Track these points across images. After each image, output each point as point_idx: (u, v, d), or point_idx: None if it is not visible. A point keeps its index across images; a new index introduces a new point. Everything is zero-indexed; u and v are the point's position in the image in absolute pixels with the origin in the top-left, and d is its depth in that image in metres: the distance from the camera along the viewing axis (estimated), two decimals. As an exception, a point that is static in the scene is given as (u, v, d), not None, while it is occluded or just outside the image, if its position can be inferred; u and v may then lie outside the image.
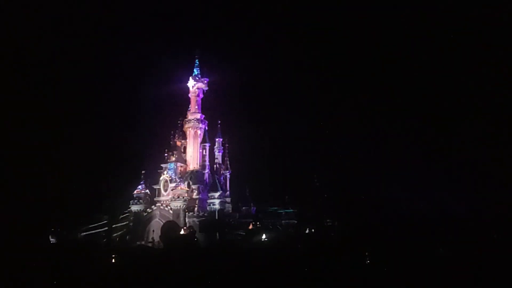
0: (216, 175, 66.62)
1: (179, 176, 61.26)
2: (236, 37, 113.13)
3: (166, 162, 63.29)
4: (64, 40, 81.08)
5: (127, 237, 56.83)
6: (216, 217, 56.56)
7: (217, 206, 60.77)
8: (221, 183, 66.43)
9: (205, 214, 57.24)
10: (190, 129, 66.68)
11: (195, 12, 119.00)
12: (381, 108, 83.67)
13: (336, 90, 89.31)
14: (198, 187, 61.60)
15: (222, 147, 70.67)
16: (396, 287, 28.53)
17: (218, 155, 70.26)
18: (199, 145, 67.07)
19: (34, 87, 71.58)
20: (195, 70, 69.94)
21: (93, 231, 56.83)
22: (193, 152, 65.98)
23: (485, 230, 37.31)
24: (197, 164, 65.39)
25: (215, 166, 68.91)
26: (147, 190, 60.39)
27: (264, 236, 42.39)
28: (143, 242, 53.41)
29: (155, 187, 62.08)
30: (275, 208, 65.02)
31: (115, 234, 56.50)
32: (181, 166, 63.43)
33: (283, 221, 61.35)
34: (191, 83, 68.93)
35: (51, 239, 47.79)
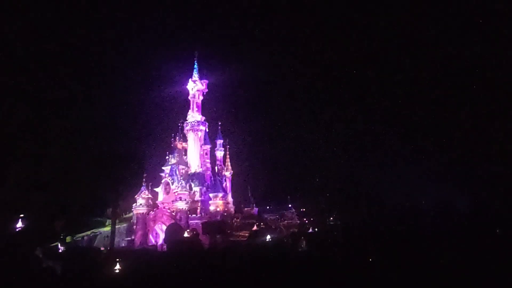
0: (217, 177, 66.64)
1: (181, 178, 61.21)
2: (234, 38, 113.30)
3: (168, 165, 63.28)
4: (63, 44, 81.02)
5: (130, 240, 56.85)
6: (219, 219, 56.54)
7: (219, 208, 60.80)
8: (223, 184, 66.47)
9: (208, 216, 57.22)
10: (191, 131, 66.69)
11: (194, 14, 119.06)
12: (384, 106, 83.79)
13: (337, 89, 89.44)
14: (200, 189, 61.58)
15: (223, 148, 70.71)
16: (400, 285, 28.46)
17: (219, 156, 70.30)
18: (200, 146, 67.12)
19: (36, 90, 71.49)
20: (194, 72, 69.99)
21: (96, 235, 56.92)
22: (194, 154, 66.00)
23: (489, 227, 37.33)
24: (198, 166, 65.38)
25: (216, 167, 68.90)
26: (149, 193, 60.29)
27: (268, 237, 42.39)
28: (146, 245, 53.41)
29: (157, 190, 62.09)
30: (278, 208, 65.15)
31: (118, 238, 56.43)
32: (183, 168, 63.35)
33: (286, 221, 61.45)
34: (190, 85, 68.95)
35: (60, 247, 47.56)
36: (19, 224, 44.59)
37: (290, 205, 65.37)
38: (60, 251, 46.30)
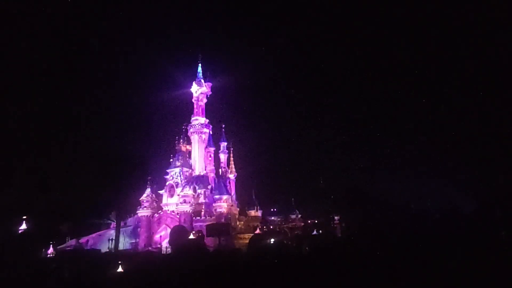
0: (221, 179, 66.65)
1: (185, 180, 61.29)
2: (238, 41, 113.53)
3: (172, 167, 63.41)
4: (68, 48, 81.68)
5: (135, 243, 56.97)
6: (223, 221, 56.54)
7: (223, 210, 60.79)
8: (227, 186, 66.45)
9: (212, 218, 57.23)
10: (195, 133, 66.79)
11: (198, 18, 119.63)
12: (387, 108, 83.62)
13: (341, 91, 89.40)
14: (204, 191, 61.59)
15: (227, 151, 70.76)
16: (404, 286, 28.28)
17: (223, 158, 70.36)
18: (204, 149, 67.19)
19: (41, 94, 72.13)
20: (198, 75, 70.16)
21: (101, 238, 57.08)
22: (198, 157, 66.09)
23: (494, 229, 37.05)
24: (202, 168, 65.46)
25: (220, 169, 68.97)
26: (154, 196, 60.42)
27: (272, 239, 42.28)
28: (150, 247, 53.47)
29: (161, 192, 62.23)
30: (282, 210, 65.01)
31: (123, 240, 56.55)
32: (187, 171, 63.46)
33: (290, 224, 61.33)
34: (194, 88, 69.09)
35: (50, 252, 47.29)
36: (23, 226, 44.74)
37: (294, 208, 65.26)
38: (49, 255, 45.97)
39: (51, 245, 47.60)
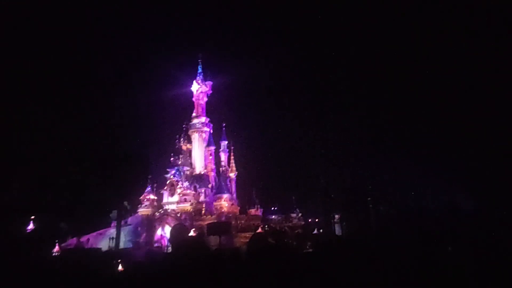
0: (222, 178, 66.71)
1: (186, 179, 61.39)
2: (239, 40, 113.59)
3: (172, 166, 63.46)
4: (67, 45, 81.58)
5: (136, 242, 56.98)
6: (224, 220, 56.57)
7: (224, 209, 60.83)
8: (228, 185, 66.52)
9: (213, 217, 57.30)
10: (195, 132, 66.89)
11: (198, 15, 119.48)
12: (388, 105, 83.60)
13: (341, 89, 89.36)
14: (205, 190, 61.72)
15: (228, 150, 70.80)
16: (403, 286, 28.26)
17: (223, 157, 70.41)
18: (204, 148, 67.28)
19: (41, 92, 72.10)
20: (198, 73, 70.16)
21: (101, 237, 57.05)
22: (198, 156, 66.20)
23: (494, 228, 37.02)
24: (202, 167, 65.55)
25: (221, 168, 69.03)
26: (154, 195, 60.52)
27: (272, 239, 42.34)
28: (151, 246, 53.51)
29: (161, 191, 62.26)
30: (283, 209, 65.06)
31: (123, 239, 56.54)
32: (187, 170, 63.57)
33: (291, 223, 61.37)
34: (195, 87, 69.12)
35: (56, 250, 47.15)
36: (31, 226, 44.58)
37: (295, 206, 65.31)
38: (55, 254, 45.87)
39: (56, 244, 47.61)
